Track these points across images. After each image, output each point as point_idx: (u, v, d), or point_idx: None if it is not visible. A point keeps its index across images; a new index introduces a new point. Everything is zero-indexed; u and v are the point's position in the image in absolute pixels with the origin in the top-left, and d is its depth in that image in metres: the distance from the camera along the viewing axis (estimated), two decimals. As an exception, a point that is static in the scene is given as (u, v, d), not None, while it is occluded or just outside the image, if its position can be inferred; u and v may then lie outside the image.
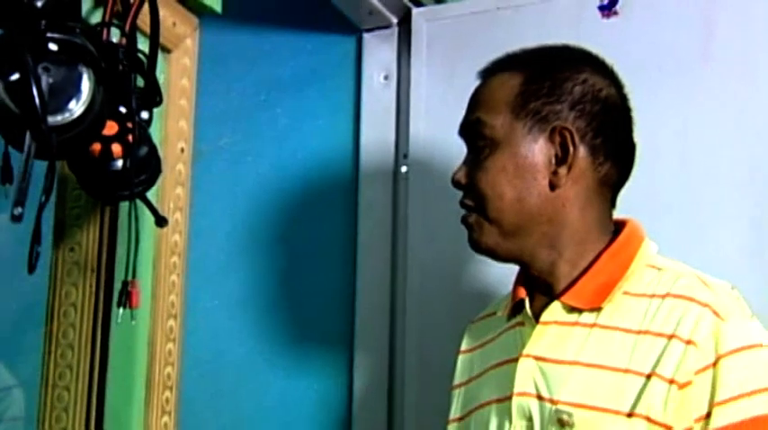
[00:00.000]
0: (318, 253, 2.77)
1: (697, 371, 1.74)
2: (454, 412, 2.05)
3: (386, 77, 2.74)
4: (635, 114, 1.96)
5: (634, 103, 1.95)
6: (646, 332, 1.80)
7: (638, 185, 2.00)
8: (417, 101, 2.66)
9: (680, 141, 2.28)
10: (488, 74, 1.98)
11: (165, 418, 1.82)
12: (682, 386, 1.74)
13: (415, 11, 2.69)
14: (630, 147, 1.96)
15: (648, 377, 1.77)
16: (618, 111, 1.94)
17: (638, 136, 1.96)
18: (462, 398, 2.04)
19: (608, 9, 2.50)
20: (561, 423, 1.79)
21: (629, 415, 1.76)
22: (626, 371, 1.79)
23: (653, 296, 1.83)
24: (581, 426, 1.77)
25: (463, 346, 2.09)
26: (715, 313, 1.77)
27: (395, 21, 2.74)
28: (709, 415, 1.73)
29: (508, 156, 1.89)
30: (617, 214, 1.96)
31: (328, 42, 2.81)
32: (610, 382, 1.79)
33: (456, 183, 1.94)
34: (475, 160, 1.93)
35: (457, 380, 2.07)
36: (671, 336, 1.77)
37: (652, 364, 1.77)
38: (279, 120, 2.85)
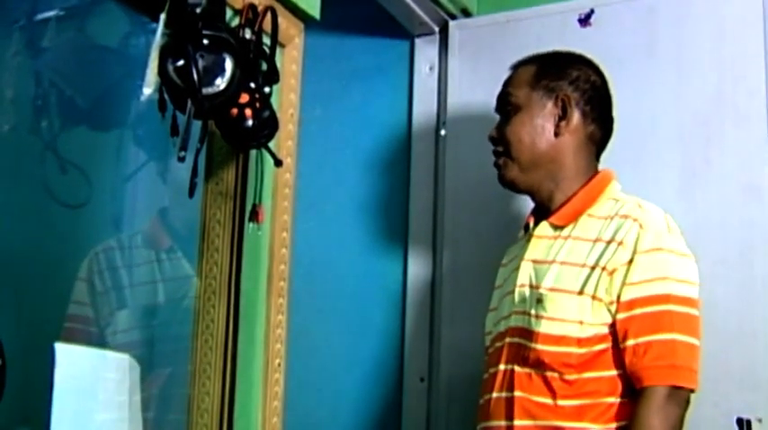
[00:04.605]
0: (383, 189, 2.75)
1: (622, 263, 1.80)
2: (492, 304, 2.08)
3: (431, 68, 2.70)
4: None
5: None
6: (597, 240, 1.86)
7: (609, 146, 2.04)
8: (452, 85, 2.64)
9: (633, 114, 2.26)
10: (515, 67, 2.03)
11: (281, 300, 1.81)
12: (610, 273, 1.81)
13: (451, 23, 2.67)
14: (610, 119, 2.01)
15: (593, 268, 1.83)
16: (601, 91, 1.99)
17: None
18: (498, 294, 2.06)
19: (584, 21, 2.48)
20: (539, 300, 1.86)
21: (580, 293, 1.82)
22: (582, 265, 1.85)
23: (607, 217, 1.87)
24: (549, 302, 1.84)
25: (503, 261, 2.12)
26: (640, 225, 1.82)
27: (437, 29, 2.70)
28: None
29: (527, 115, 1.95)
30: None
31: (391, 44, 2.78)
32: (571, 273, 1.85)
33: (491, 138, 1.99)
34: (504, 120, 1.99)
35: (496, 284, 2.10)
36: (610, 241, 1.83)
37: (596, 259, 1.83)
38: (355, 98, 2.82)
